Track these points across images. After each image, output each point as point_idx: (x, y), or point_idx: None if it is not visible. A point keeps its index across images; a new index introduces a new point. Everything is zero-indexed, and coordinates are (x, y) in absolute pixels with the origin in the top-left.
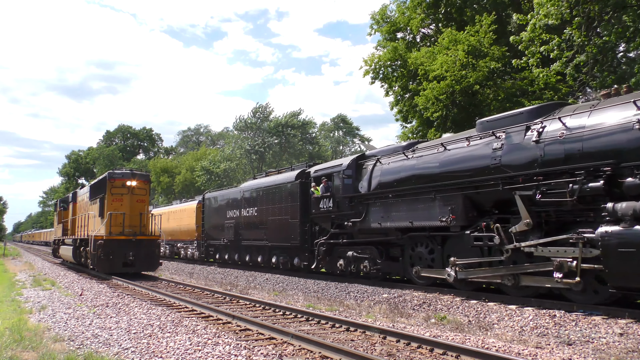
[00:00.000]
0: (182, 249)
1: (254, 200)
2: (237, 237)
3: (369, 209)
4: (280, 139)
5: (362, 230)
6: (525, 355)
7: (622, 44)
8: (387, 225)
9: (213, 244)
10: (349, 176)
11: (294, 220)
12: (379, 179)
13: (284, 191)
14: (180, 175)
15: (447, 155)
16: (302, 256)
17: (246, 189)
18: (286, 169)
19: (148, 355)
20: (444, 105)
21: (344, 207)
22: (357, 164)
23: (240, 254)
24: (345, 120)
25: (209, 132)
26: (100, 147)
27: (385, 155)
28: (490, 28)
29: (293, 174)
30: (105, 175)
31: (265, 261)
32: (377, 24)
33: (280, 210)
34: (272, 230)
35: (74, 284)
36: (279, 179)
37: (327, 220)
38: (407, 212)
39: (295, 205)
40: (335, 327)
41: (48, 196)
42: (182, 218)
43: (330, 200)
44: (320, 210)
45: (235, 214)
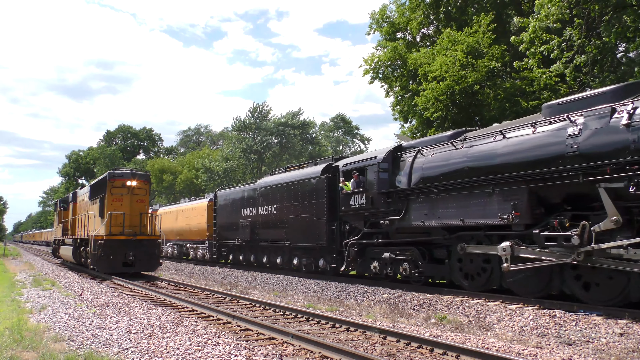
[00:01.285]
0: (192, 249)
1: (273, 197)
2: (254, 237)
3: (410, 205)
4: (280, 138)
5: (401, 229)
6: (525, 355)
7: (622, 44)
8: (431, 224)
9: (226, 244)
10: (384, 170)
11: (320, 218)
12: (421, 173)
13: (307, 187)
14: (182, 175)
15: (508, 144)
16: (328, 257)
17: (264, 185)
18: (308, 163)
19: (148, 355)
20: (444, 106)
21: (379, 204)
22: (394, 156)
23: (256, 255)
24: (345, 120)
25: (209, 132)
26: (101, 147)
27: (427, 146)
28: (489, 28)
29: (318, 169)
30: (105, 175)
31: (285, 263)
32: (376, 23)
33: (303, 207)
34: (293, 230)
35: (74, 284)
36: (301, 174)
37: (359, 218)
38: (456, 209)
39: (321, 203)
40: (335, 327)
41: (48, 196)
42: (192, 217)
43: (362, 197)
44: (350, 207)
45: (251, 212)
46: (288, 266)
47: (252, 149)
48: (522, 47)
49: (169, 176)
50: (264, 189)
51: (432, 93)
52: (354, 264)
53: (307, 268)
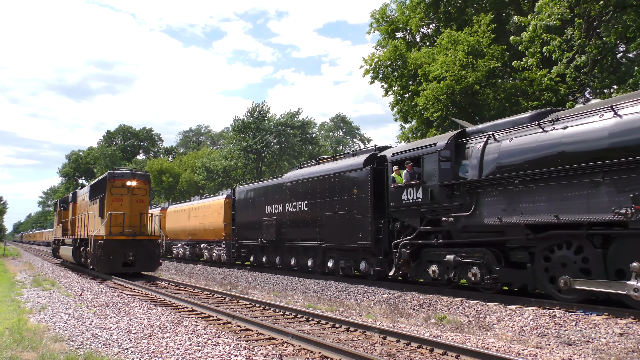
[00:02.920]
0: (206, 250)
1: (304, 192)
2: (280, 236)
3: (481, 200)
4: (279, 138)
5: (469, 228)
6: (525, 355)
7: (622, 45)
8: (511, 221)
9: (246, 244)
10: (447, 158)
11: (363, 215)
12: (497, 161)
13: (347, 180)
14: (185, 174)
15: (624, 122)
16: (372, 260)
17: (292, 179)
18: (345, 155)
19: (148, 355)
20: (444, 105)
21: (439, 198)
22: (457, 142)
23: (282, 257)
24: (345, 120)
25: (209, 132)
26: (101, 147)
27: (501, 130)
28: (489, 28)
29: (359, 159)
30: (105, 175)
31: (318, 265)
32: (377, 22)
33: (341, 203)
34: (329, 229)
35: (74, 284)
36: (338, 167)
37: (414, 215)
38: (548, 203)
39: (364, 198)
40: (335, 327)
41: (48, 196)
42: (207, 215)
43: (419, 190)
44: (403, 202)
45: (277, 210)
46: (321, 269)
47: (252, 148)
48: (522, 47)
49: (168, 177)
50: (292, 184)
51: (432, 93)
52: (406, 268)
53: (344, 272)
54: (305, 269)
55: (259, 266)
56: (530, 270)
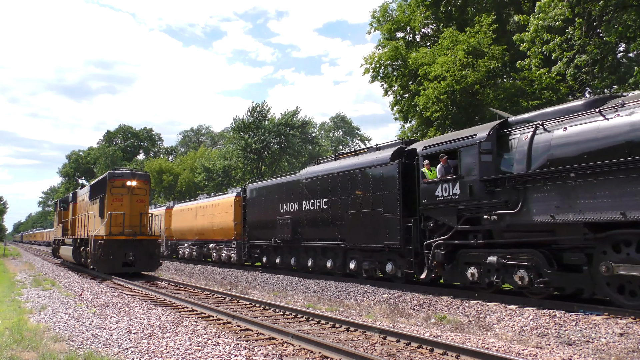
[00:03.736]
0: (215, 250)
1: (323, 189)
2: (295, 236)
3: (529, 196)
4: (279, 138)
5: (514, 227)
6: (525, 355)
7: (623, 44)
8: (566, 219)
9: (258, 244)
10: (488, 151)
11: (391, 213)
12: (548, 153)
13: (371, 176)
14: (184, 175)
15: None
16: (400, 261)
17: (310, 175)
18: (368, 149)
19: (148, 355)
20: (444, 105)
21: (479, 195)
22: (499, 134)
23: (298, 258)
24: (345, 120)
25: (209, 132)
26: (101, 147)
27: (552, 119)
28: (490, 28)
29: (385, 154)
30: (105, 175)
31: (339, 267)
32: (377, 22)
33: (365, 201)
34: (351, 228)
35: (74, 284)
36: (362, 162)
37: (450, 212)
38: (612, 199)
39: (392, 194)
40: (335, 327)
41: (48, 196)
42: (215, 214)
43: (455, 185)
44: (437, 199)
45: (292, 208)
46: (342, 271)
47: (252, 148)
48: (523, 47)
49: (168, 177)
50: (310, 180)
51: (433, 92)
52: (440, 270)
53: (368, 274)
54: (323, 270)
55: (272, 267)
56: (588, 273)
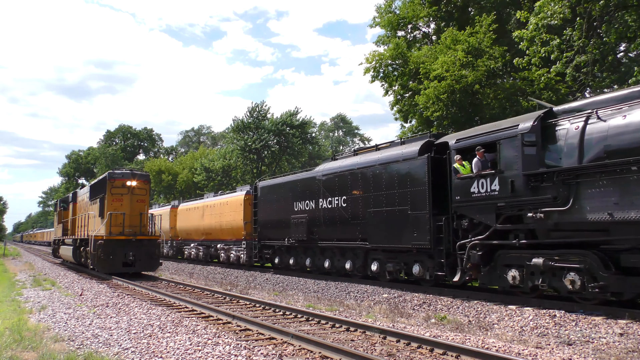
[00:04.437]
0: (223, 251)
1: (342, 186)
2: (311, 235)
3: (582, 191)
4: (279, 138)
5: (563, 225)
6: (525, 355)
7: (623, 44)
8: (628, 217)
9: (270, 244)
10: (532, 143)
11: (419, 212)
12: (604, 144)
13: (396, 172)
14: (183, 174)
15: None
16: (428, 263)
17: (327, 172)
18: (391, 144)
19: (148, 355)
20: (444, 105)
21: (522, 190)
22: (543, 124)
23: (314, 259)
24: (345, 120)
25: (210, 132)
26: (101, 147)
27: (607, 107)
28: (490, 28)
29: (413, 148)
30: (105, 175)
31: (359, 268)
32: (380, 16)
33: (389, 198)
34: (373, 227)
35: (74, 284)
36: (386, 157)
37: (488, 210)
38: None
39: (420, 191)
40: (335, 327)
41: (48, 196)
42: (223, 213)
43: (494, 181)
44: (472, 196)
45: (308, 206)
46: (362, 273)
47: (251, 148)
48: (522, 45)
49: (167, 176)
50: (327, 177)
51: (433, 92)
52: (475, 273)
53: (392, 276)
54: (341, 272)
55: (285, 269)
56: None
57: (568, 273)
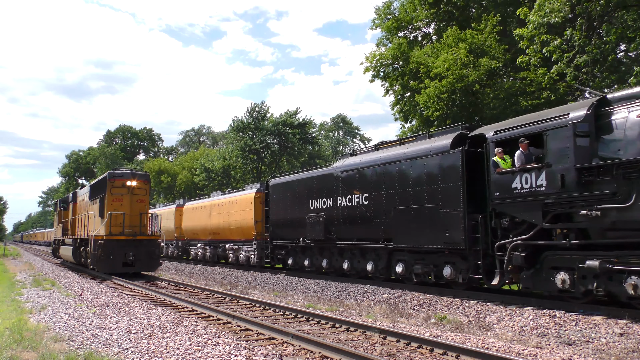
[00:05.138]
0: (231, 251)
1: (362, 183)
2: (328, 235)
3: None
4: (279, 138)
5: (624, 224)
6: (525, 355)
7: (623, 44)
8: None
9: (283, 245)
10: (585, 133)
11: (452, 210)
12: None
13: (425, 167)
14: (182, 175)
15: None
16: (461, 264)
17: (346, 168)
18: (417, 137)
19: (148, 355)
20: (445, 104)
21: (574, 186)
22: (597, 113)
23: (331, 260)
24: (345, 120)
25: (210, 132)
26: (101, 147)
27: None
28: (494, 29)
29: (444, 141)
30: (105, 175)
31: (382, 270)
32: (380, 19)
33: (418, 195)
34: (399, 226)
35: (74, 284)
36: (413, 151)
37: (533, 207)
38: None
39: (453, 187)
40: (335, 327)
41: (48, 196)
42: (232, 212)
43: (540, 175)
44: (514, 192)
45: (325, 204)
46: (385, 275)
47: (251, 148)
48: (522, 44)
49: (166, 177)
50: (346, 174)
51: (434, 91)
52: (516, 276)
53: (420, 278)
54: (362, 274)
55: (299, 270)
56: None
57: (629, 277)
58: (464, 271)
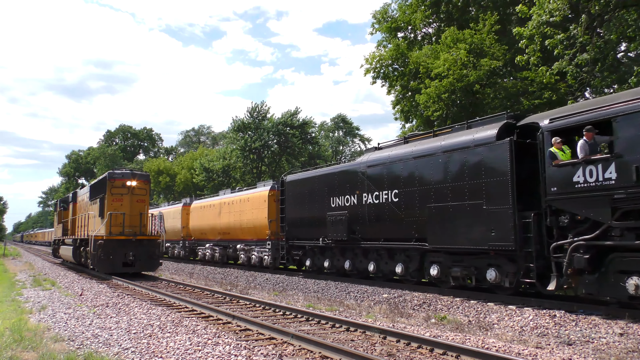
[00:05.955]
0: (243, 252)
1: (392, 179)
2: (352, 235)
3: None
4: (279, 138)
5: None
6: (525, 355)
7: (623, 44)
8: None
9: (300, 245)
10: None
11: (499, 207)
12: None
13: (466, 160)
14: (181, 175)
15: None
16: (508, 267)
17: (372, 163)
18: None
19: (148, 355)
20: (445, 104)
21: None
22: None
23: (354, 261)
24: (345, 120)
25: (210, 132)
26: (101, 147)
27: None
28: (493, 28)
29: (488, 132)
30: (105, 175)
31: (413, 273)
32: (378, 22)
33: (457, 191)
34: (435, 225)
35: (74, 284)
36: (450, 143)
37: (599, 204)
38: None
39: (500, 182)
40: (335, 327)
41: (48, 196)
42: (244, 211)
43: (609, 167)
44: (576, 186)
45: (348, 202)
46: (416, 277)
47: (251, 148)
48: (522, 44)
49: (165, 177)
50: (373, 169)
51: (434, 91)
52: (575, 280)
53: (458, 282)
54: (389, 277)
55: (317, 272)
56: None
57: None
58: (510, 275)
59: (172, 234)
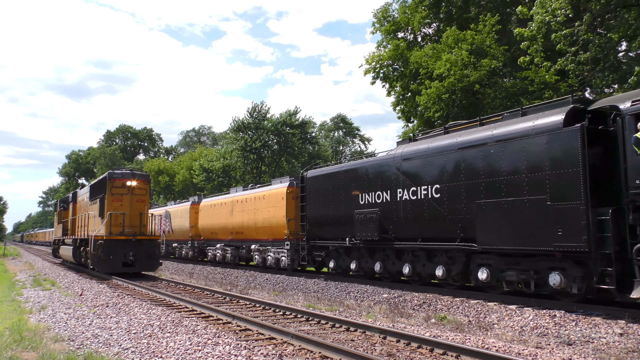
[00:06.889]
0: (258, 252)
1: (433, 172)
2: (384, 234)
3: None
4: (279, 138)
5: None
6: (525, 355)
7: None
8: None
9: (322, 245)
10: None
11: (567, 202)
12: None
13: (524, 150)
14: (180, 175)
15: None
16: (575, 271)
17: (408, 155)
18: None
19: (148, 355)
20: (445, 105)
21: None
22: None
23: (386, 263)
24: (345, 120)
25: (210, 132)
26: (101, 147)
27: None
28: (493, 28)
29: (553, 118)
30: (105, 175)
31: (456, 276)
32: (378, 22)
33: (514, 185)
34: (486, 223)
35: (74, 284)
36: (505, 132)
37: None
38: None
39: (568, 174)
40: (335, 327)
41: (48, 196)
42: (259, 209)
43: None
44: None
45: (380, 199)
46: (459, 282)
47: (251, 148)
48: (524, 45)
49: (164, 177)
50: (409, 162)
51: (435, 92)
52: None
53: (512, 287)
54: (426, 281)
55: (341, 274)
56: None
57: None
58: (578, 279)
59: (179, 234)
